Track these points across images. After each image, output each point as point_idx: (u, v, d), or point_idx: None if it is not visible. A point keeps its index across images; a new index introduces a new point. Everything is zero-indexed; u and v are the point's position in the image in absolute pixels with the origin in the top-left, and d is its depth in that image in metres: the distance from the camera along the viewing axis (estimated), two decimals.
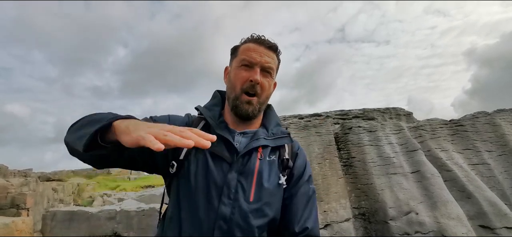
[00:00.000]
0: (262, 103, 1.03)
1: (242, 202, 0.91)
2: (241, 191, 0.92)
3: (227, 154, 0.96)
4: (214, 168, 0.93)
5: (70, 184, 14.77)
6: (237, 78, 1.01)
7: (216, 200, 0.90)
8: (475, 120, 3.70)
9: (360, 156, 3.48)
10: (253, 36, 1.04)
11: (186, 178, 0.94)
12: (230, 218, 0.89)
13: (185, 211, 0.91)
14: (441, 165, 3.36)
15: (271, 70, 1.02)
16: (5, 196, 9.64)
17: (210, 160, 0.95)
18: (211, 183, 0.92)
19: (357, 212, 3.27)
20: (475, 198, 3.04)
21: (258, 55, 1.00)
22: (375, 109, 5.01)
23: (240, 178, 0.93)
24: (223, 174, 0.93)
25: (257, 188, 0.94)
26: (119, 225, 7.56)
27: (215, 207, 0.89)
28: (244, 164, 0.96)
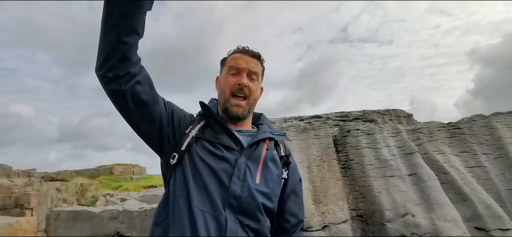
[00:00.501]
0: (250, 104, 1.16)
1: (250, 182, 1.02)
2: (248, 174, 1.03)
3: (233, 144, 1.07)
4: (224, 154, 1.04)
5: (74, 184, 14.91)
6: (226, 84, 1.14)
7: (226, 180, 1.01)
8: (472, 123, 3.75)
9: (358, 158, 3.53)
10: (238, 47, 1.17)
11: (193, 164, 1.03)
12: (240, 195, 1.00)
13: (194, 190, 0.99)
14: (438, 167, 3.41)
15: (256, 74, 1.16)
16: (9, 196, 9.77)
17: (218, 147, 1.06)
18: (221, 166, 1.02)
19: (355, 214, 3.33)
20: (471, 201, 3.09)
21: (244, 62, 1.13)
22: (375, 111, 5.07)
23: (248, 163, 1.05)
24: (232, 159, 1.04)
25: (262, 172, 1.07)
26: (122, 225, 7.65)
27: (226, 186, 1.00)
28: (252, 151, 1.08)
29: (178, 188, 1.02)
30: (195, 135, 1.08)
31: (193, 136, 1.08)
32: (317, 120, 4.84)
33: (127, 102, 0.98)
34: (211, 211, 0.97)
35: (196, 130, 1.10)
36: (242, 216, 1.00)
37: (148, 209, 7.71)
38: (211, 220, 0.96)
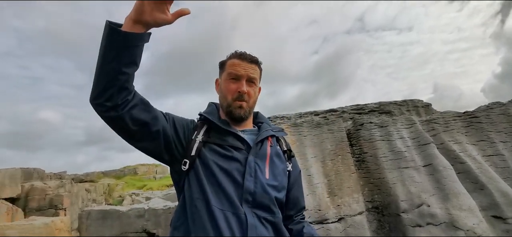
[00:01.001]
0: (251, 106, 1.25)
1: (261, 178, 1.12)
2: (258, 170, 1.13)
3: (240, 144, 1.18)
4: (233, 154, 1.13)
5: (101, 184, 15.60)
6: (227, 90, 1.21)
7: (240, 178, 1.09)
8: (489, 111, 3.69)
9: (372, 151, 3.58)
10: (236, 52, 1.24)
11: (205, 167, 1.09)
12: (254, 191, 1.09)
13: (211, 191, 1.05)
14: (454, 157, 3.40)
15: (255, 79, 1.23)
16: (43, 198, 10.41)
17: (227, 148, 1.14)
18: (233, 166, 1.10)
19: (370, 206, 3.39)
20: (488, 189, 3.08)
21: (243, 69, 1.20)
22: (391, 102, 5.05)
23: (256, 160, 1.15)
24: (241, 158, 1.13)
25: (270, 168, 1.18)
26: (148, 222, 8.01)
27: (241, 184, 1.08)
28: (258, 149, 1.19)
29: (194, 191, 1.07)
30: (202, 140, 1.15)
31: (200, 141, 1.14)
32: (332, 114, 4.88)
33: (127, 124, 1.00)
34: (230, 209, 1.03)
35: (201, 135, 1.16)
36: (258, 210, 1.09)
37: (172, 207, 8.02)
38: (231, 216, 1.02)
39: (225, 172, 1.09)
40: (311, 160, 3.58)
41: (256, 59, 1.24)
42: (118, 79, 0.93)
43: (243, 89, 1.18)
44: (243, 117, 1.22)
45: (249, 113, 1.25)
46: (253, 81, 1.22)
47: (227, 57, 1.26)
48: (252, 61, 1.22)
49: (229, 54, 1.26)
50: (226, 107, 1.22)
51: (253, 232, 1.03)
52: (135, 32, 0.92)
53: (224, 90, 1.23)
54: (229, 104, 1.20)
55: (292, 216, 1.29)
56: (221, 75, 1.28)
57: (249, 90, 1.21)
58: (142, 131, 1.04)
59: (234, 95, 1.19)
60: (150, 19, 0.92)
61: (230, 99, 1.20)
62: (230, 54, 1.26)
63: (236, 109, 1.20)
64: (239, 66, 1.20)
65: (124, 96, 0.97)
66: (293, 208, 1.29)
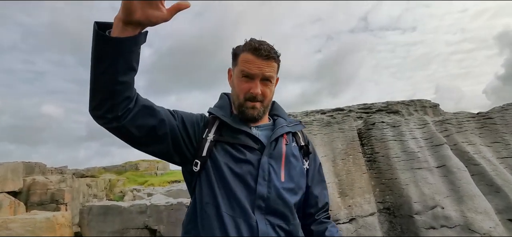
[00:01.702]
0: (266, 106, 1.15)
1: (275, 182, 1.04)
2: (273, 173, 1.05)
3: (253, 143, 1.08)
4: (246, 156, 1.05)
5: (102, 180, 15.57)
6: (239, 88, 1.11)
7: (252, 182, 1.01)
8: (504, 112, 3.62)
9: (384, 151, 3.51)
10: (251, 45, 1.09)
11: (216, 169, 1.02)
12: (267, 196, 1.01)
13: (221, 196, 0.99)
14: (468, 159, 3.33)
15: (271, 78, 1.12)
16: (45, 192, 10.37)
17: (239, 149, 1.06)
18: (245, 169, 1.03)
19: (382, 207, 3.33)
20: (503, 192, 3.01)
21: (257, 68, 1.07)
22: (399, 102, 4.98)
23: (270, 162, 1.06)
24: (254, 159, 1.04)
25: (286, 169, 1.09)
26: (149, 218, 7.95)
27: (253, 189, 1.01)
28: (273, 149, 1.09)
29: (205, 195, 1.02)
30: (214, 139, 1.07)
31: (211, 140, 1.07)
32: (339, 112, 4.81)
33: (132, 133, 0.93)
34: (241, 215, 0.98)
35: (213, 133, 1.08)
36: (271, 217, 1.01)
37: (174, 204, 7.96)
38: (242, 224, 0.97)
39: (237, 176, 1.02)
40: (322, 159, 3.50)
41: (273, 54, 1.10)
42: (115, 90, 0.84)
43: (256, 91, 1.08)
44: (256, 118, 1.13)
45: (263, 113, 1.15)
46: (269, 80, 1.11)
47: (241, 48, 1.13)
48: (268, 58, 1.08)
49: (244, 44, 1.12)
50: (238, 106, 1.13)
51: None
52: (128, 36, 0.80)
53: (236, 87, 1.13)
54: (241, 104, 1.11)
55: (313, 214, 1.18)
56: (234, 67, 1.17)
57: (263, 90, 1.10)
58: (148, 136, 0.97)
59: (246, 95, 1.10)
60: (142, 18, 0.79)
61: (242, 99, 1.11)
62: (244, 43, 1.12)
63: (249, 110, 1.10)
64: (253, 64, 1.07)
65: (125, 106, 0.88)
66: (314, 206, 1.18)
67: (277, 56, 1.13)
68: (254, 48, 1.08)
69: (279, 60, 1.16)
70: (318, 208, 1.19)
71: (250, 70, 1.07)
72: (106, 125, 0.89)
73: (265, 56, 1.08)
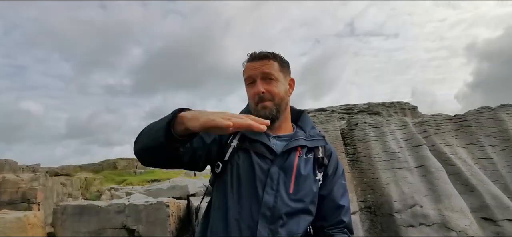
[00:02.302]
0: (277, 104, 1.13)
1: (283, 193, 1.04)
2: (282, 183, 1.05)
3: (268, 152, 1.09)
4: (258, 163, 1.07)
5: (78, 178, 15.02)
6: (249, 97, 1.17)
7: (260, 190, 1.03)
8: (479, 115, 3.78)
9: (366, 151, 3.58)
10: (247, 56, 1.18)
11: (232, 174, 1.07)
12: (273, 206, 1.01)
13: (231, 200, 1.04)
14: (445, 159, 3.45)
15: (270, 75, 1.12)
16: (16, 191, 9.87)
17: (254, 157, 1.08)
18: (256, 176, 1.04)
19: (363, 205, 3.39)
20: (478, 192, 3.14)
21: (254, 70, 1.13)
22: (379, 103, 5.10)
23: (280, 172, 1.06)
24: (265, 168, 1.06)
25: (296, 181, 1.07)
26: (128, 218, 7.72)
27: (260, 197, 1.02)
28: (284, 160, 1.09)
29: (218, 197, 1.08)
30: (236, 145, 1.11)
31: (234, 145, 1.11)
32: (322, 113, 4.87)
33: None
34: (246, 221, 1.00)
35: (236, 140, 1.13)
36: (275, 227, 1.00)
37: (153, 203, 7.78)
38: (246, 229, 0.99)
39: (247, 182, 1.05)
40: None
41: (267, 53, 1.14)
42: (162, 156, 0.97)
43: (259, 90, 1.11)
44: (269, 117, 1.10)
45: (277, 111, 1.14)
46: (270, 77, 1.12)
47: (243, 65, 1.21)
48: (262, 58, 1.13)
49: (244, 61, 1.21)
50: (253, 113, 1.14)
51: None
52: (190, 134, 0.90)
53: (248, 98, 1.19)
54: (255, 109, 1.14)
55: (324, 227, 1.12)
56: None
57: (267, 88, 1.11)
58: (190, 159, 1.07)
59: (255, 100, 1.13)
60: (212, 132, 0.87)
61: (253, 105, 1.14)
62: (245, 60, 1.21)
63: (261, 111, 1.12)
64: (250, 68, 1.14)
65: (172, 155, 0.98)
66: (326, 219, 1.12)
67: (274, 55, 1.15)
68: (250, 56, 1.17)
69: (280, 59, 1.17)
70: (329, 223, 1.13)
71: (249, 75, 1.14)
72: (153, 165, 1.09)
73: (259, 57, 1.14)
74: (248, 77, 1.15)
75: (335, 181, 1.17)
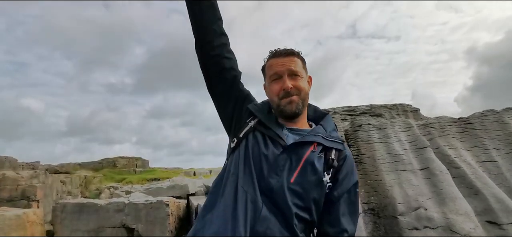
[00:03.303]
0: (303, 99, 1.17)
1: (284, 180, 1.06)
2: (286, 171, 1.07)
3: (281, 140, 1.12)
4: (269, 146, 1.11)
5: (78, 176, 14.99)
6: (272, 92, 1.19)
7: (266, 172, 1.07)
8: (483, 118, 3.76)
9: (370, 152, 3.56)
10: (270, 52, 1.23)
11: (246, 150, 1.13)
12: (273, 189, 1.05)
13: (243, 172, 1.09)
14: (450, 162, 3.43)
15: (297, 72, 1.17)
16: (15, 188, 9.84)
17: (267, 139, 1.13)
18: (263, 157, 1.09)
19: (366, 207, 3.36)
20: (482, 195, 3.12)
21: (281, 65, 1.16)
22: (382, 105, 5.08)
23: (288, 160, 1.08)
24: (276, 154, 1.09)
25: (301, 173, 1.07)
26: (127, 217, 7.71)
27: (265, 178, 1.06)
28: (296, 151, 1.10)
29: (233, 166, 1.13)
30: (253, 126, 1.18)
31: (251, 126, 1.18)
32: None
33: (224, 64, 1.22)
34: (253, 194, 1.04)
35: (254, 121, 1.19)
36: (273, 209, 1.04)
37: (153, 202, 7.76)
38: (250, 202, 1.03)
39: (257, 162, 1.10)
40: None
41: (292, 50, 1.20)
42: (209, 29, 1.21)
43: (287, 85, 1.14)
44: (296, 112, 1.16)
45: (302, 106, 1.18)
46: (296, 73, 1.17)
47: (265, 61, 1.26)
48: (288, 54, 1.18)
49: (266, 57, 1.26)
50: (276, 108, 1.19)
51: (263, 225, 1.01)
52: None
53: (270, 93, 1.22)
54: (278, 104, 1.17)
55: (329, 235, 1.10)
56: (265, 80, 1.28)
57: (294, 84, 1.15)
58: (230, 72, 1.22)
59: (280, 94, 1.16)
60: None
61: (277, 100, 1.17)
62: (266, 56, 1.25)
63: (287, 106, 1.15)
64: (276, 64, 1.18)
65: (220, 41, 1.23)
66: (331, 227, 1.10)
67: (297, 52, 1.21)
68: (273, 53, 1.22)
69: (302, 57, 1.23)
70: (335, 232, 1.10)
71: (276, 71, 1.17)
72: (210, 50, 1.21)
73: (284, 54, 1.18)
74: (274, 73, 1.18)
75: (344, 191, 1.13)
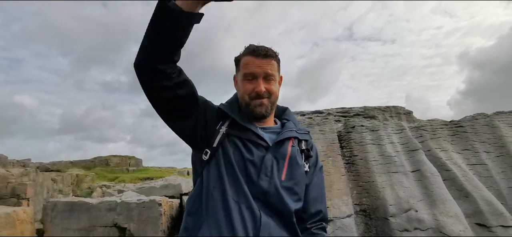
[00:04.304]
0: (272, 102, 1.18)
1: (276, 179, 1.07)
2: (275, 170, 1.08)
3: (261, 141, 1.11)
4: (252, 150, 1.09)
5: (69, 175, 14.80)
6: (244, 90, 1.15)
7: (255, 176, 1.05)
8: (474, 122, 3.80)
9: (362, 154, 3.57)
10: (250, 48, 1.17)
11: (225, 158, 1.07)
12: (267, 191, 1.04)
13: (228, 182, 1.04)
14: (441, 164, 3.46)
15: (272, 76, 1.15)
16: (5, 186, 9.66)
17: (247, 145, 1.09)
18: (249, 162, 1.06)
19: (358, 209, 3.38)
20: (472, 197, 3.15)
21: (257, 67, 1.13)
22: (375, 107, 5.10)
23: (274, 160, 1.09)
24: (260, 156, 1.08)
25: (289, 169, 1.11)
26: (119, 216, 7.60)
27: (255, 182, 1.05)
28: (278, 149, 1.12)
29: (212, 180, 1.06)
30: (226, 132, 1.12)
31: (224, 132, 1.11)
32: (318, 115, 4.86)
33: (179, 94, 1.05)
34: (245, 202, 1.01)
35: (225, 127, 1.13)
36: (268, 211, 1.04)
37: (146, 201, 7.68)
38: (246, 210, 1.00)
39: (242, 167, 1.07)
40: None
41: (271, 52, 1.16)
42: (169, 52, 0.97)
43: (260, 89, 1.12)
44: (264, 115, 1.16)
45: (271, 109, 1.19)
46: (271, 77, 1.15)
47: (241, 54, 1.20)
48: (267, 56, 1.14)
49: (243, 50, 1.19)
50: (245, 106, 1.17)
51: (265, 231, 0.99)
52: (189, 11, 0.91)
53: (241, 90, 1.18)
54: (248, 104, 1.15)
55: (305, 220, 1.16)
56: (238, 73, 1.23)
57: (267, 87, 1.14)
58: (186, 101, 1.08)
59: (251, 95, 1.14)
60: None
61: (247, 99, 1.15)
62: (244, 49, 1.19)
63: (257, 108, 1.14)
64: (253, 65, 1.13)
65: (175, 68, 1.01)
66: (306, 211, 1.16)
67: (276, 54, 1.18)
68: (253, 50, 1.15)
69: (278, 59, 1.20)
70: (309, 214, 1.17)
71: (251, 70, 1.13)
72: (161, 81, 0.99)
73: (263, 55, 1.13)
74: (250, 73, 1.14)
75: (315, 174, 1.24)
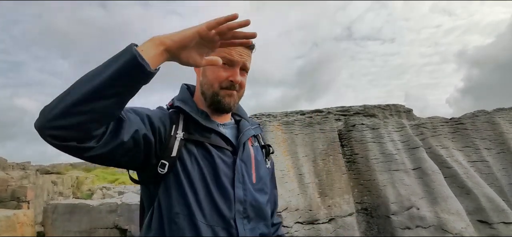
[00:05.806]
0: (240, 97, 1.08)
1: (248, 184, 1.00)
2: (246, 175, 1.01)
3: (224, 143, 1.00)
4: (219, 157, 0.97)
5: (69, 177, 14.80)
6: (215, 76, 1.00)
7: (229, 185, 0.95)
8: (475, 119, 3.80)
9: (363, 152, 3.57)
10: None
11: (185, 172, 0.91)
12: (244, 199, 0.97)
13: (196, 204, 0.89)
14: (442, 162, 3.46)
15: (247, 69, 1.05)
16: (5, 189, 9.66)
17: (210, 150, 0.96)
18: (220, 171, 0.94)
19: (360, 207, 3.38)
20: (474, 194, 3.15)
21: (238, 54, 0.99)
22: (375, 105, 5.10)
23: (242, 164, 1.01)
24: (230, 162, 0.98)
25: (256, 171, 1.06)
26: (120, 218, 7.61)
27: (231, 192, 0.94)
28: (243, 151, 1.04)
29: (174, 203, 0.90)
30: (183, 137, 0.95)
31: (181, 138, 0.94)
32: (318, 114, 4.85)
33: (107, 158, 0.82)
34: (219, 223, 0.91)
35: (181, 130, 0.95)
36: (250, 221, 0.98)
37: None
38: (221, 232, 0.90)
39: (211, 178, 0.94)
40: (303, 159, 3.50)
41: (252, 45, 1.04)
42: (107, 115, 0.74)
43: (237, 79, 1.00)
44: (231, 108, 1.05)
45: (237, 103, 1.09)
46: (246, 70, 1.05)
47: None
48: (248, 47, 1.02)
49: None
50: (211, 95, 1.01)
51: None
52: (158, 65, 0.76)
53: (210, 76, 1.01)
54: (216, 93, 1.00)
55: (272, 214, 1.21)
56: None
57: (242, 80, 1.03)
58: (123, 155, 0.83)
59: (223, 83, 1.00)
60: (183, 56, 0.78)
61: (217, 87, 1.00)
62: None
63: (225, 98, 1.01)
64: (235, 51, 0.98)
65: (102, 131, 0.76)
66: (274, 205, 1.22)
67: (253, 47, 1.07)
68: None
69: None
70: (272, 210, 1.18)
71: (231, 57, 0.98)
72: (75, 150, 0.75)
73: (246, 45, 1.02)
74: (226, 58, 0.97)
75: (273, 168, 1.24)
